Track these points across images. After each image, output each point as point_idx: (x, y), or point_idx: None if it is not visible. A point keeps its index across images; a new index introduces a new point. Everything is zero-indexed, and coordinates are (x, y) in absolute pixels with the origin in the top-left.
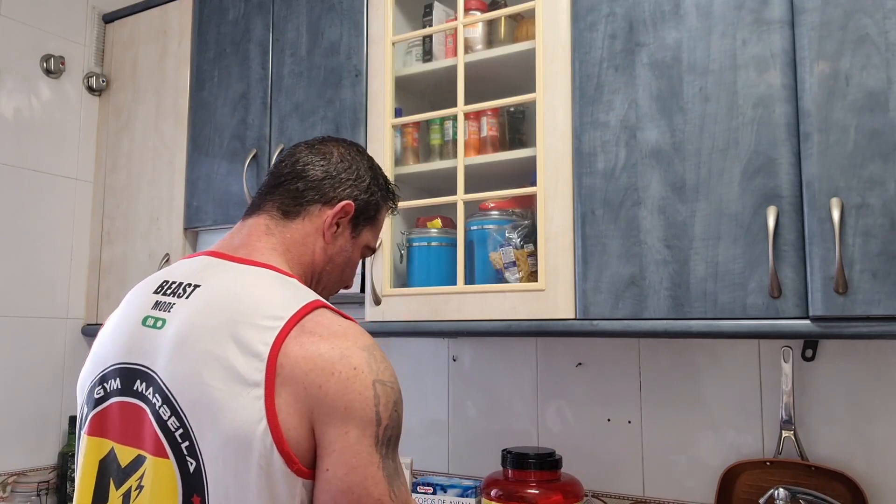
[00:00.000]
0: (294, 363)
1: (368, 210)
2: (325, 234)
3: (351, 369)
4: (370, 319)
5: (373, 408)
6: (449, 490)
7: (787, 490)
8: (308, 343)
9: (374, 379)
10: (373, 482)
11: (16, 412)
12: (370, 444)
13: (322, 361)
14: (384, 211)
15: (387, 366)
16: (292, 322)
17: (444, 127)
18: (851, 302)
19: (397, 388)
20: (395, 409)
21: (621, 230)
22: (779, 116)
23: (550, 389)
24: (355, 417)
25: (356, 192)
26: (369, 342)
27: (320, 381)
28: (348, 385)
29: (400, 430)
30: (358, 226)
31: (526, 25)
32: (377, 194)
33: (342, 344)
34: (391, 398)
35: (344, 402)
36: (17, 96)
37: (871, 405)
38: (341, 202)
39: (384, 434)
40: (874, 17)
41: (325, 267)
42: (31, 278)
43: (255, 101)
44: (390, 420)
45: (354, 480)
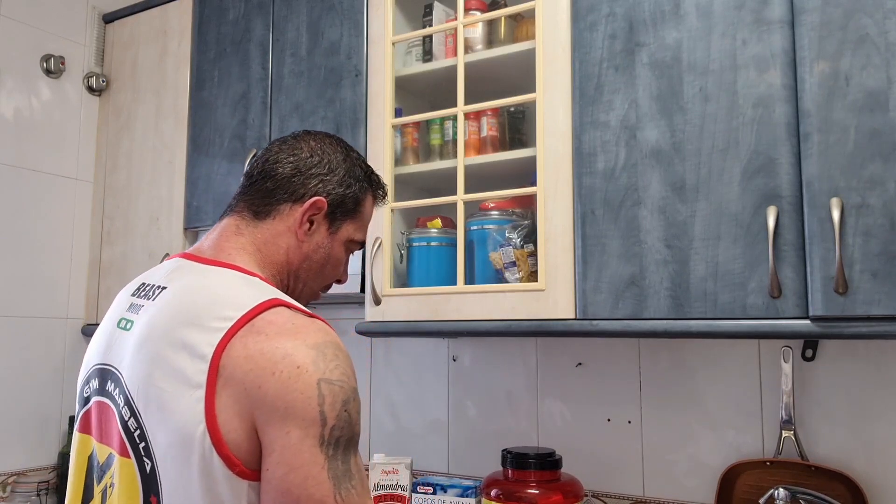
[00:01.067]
0: (235, 363)
1: (346, 203)
2: (298, 233)
3: (294, 368)
4: (370, 319)
5: (316, 407)
6: (449, 490)
7: (787, 490)
8: (252, 343)
9: (320, 378)
10: (314, 483)
11: (16, 412)
12: (313, 445)
13: (263, 360)
14: (368, 202)
15: (338, 364)
16: (242, 322)
17: (444, 127)
18: (851, 302)
19: (349, 387)
20: (345, 408)
21: (621, 230)
22: (779, 116)
23: (550, 389)
24: (297, 417)
25: (329, 187)
26: (322, 340)
27: (260, 381)
28: (289, 384)
29: (353, 431)
30: (335, 220)
31: (526, 25)
32: (354, 186)
33: (288, 342)
34: (339, 397)
35: (284, 401)
36: (17, 96)
37: (871, 405)
38: (311, 199)
39: (330, 434)
40: (874, 17)
41: (301, 265)
42: (31, 278)
43: (255, 101)
44: (338, 420)
45: (294, 481)
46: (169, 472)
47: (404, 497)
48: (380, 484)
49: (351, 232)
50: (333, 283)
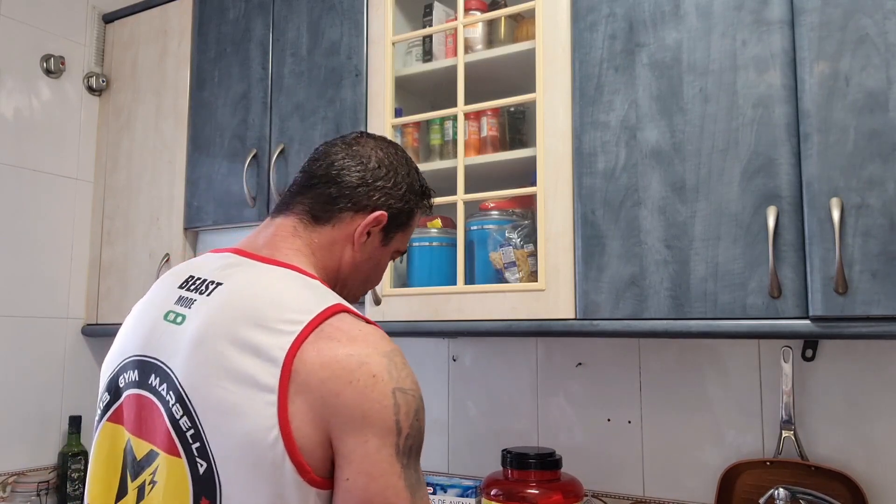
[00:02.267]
0: (310, 370)
1: (401, 217)
2: (355, 243)
3: (370, 377)
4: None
5: (392, 416)
6: (449, 490)
7: (787, 490)
8: (326, 349)
9: (395, 387)
10: (394, 492)
11: (16, 412)
12: (391, 454)
13: (339, 369)
14: (417, 215)
15: (408, 373)
16: (311, 326)
17: (444, 127)
18: (851, 302)
19: (419, 397)
20: (416, 417)
21: (621, 230)
22: (779, 117)
23: (550, 389)
24: (374, 426)
25: (391, 201)
26: (390, 348)
27: (338, 389)
28: (367, 393)
29: (422, 440)
30: (389, 233)
31: (526, 25)
32: (412, 201)
33: (362, 350)
34: (412, 406)
35: (362, 410)
36: (17, 96)
37: (871, 405)
38: (375, 212)
39: (405, 443)
40: (874, 18)
41: (350, 272)
42: (31, 278)
43: (255, 101)
44: (411, 429)
45: (375, 490)
46: (230, 475)
47: None
48: None
49: (399, 242)
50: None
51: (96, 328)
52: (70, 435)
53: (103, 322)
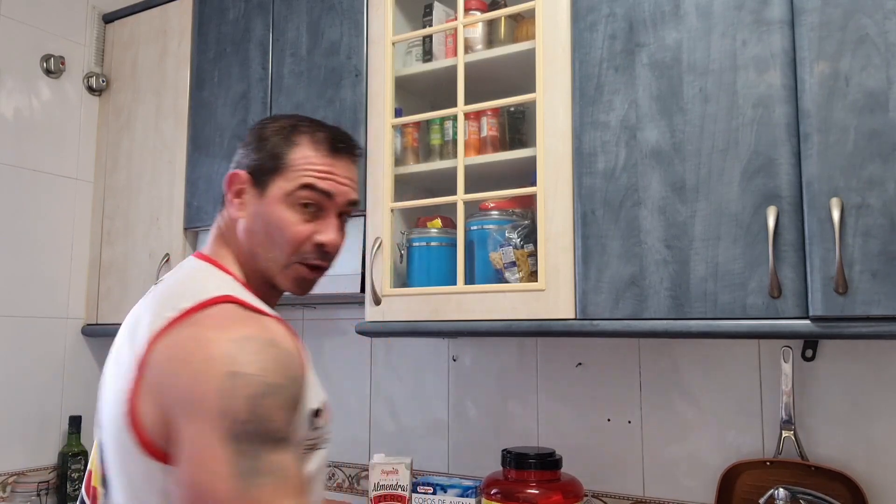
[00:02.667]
0: (160, 353)
1: (265, 163)
2: (232, 212)
3: (206, 359)
4: (370, 319)
5: (220, 400)
6: (449, 490)
7: (787, 490)
8: (181, 336)
9: (230, 370)
10: (214, 477)
11: (16, 412)
12: (220, 438)
13: (181, 351)
14: (297, 150)
15: (258, 359)
16: (187, 314)
17: (444, 127)
18: (851, 302)
19: (263, 382)
20: (256, 402)
21: (621, 230)
22: (779, 117)
23: (550, 389)
24: (203, 409)
25: (244, 161)
26: (250, 334)
27: (175, 369)
28: (199, 375)
29: (269, 426)
30: (261, 184)
31: (526, 25)
32: (270, 142)
33: (210, 334)
34: (249, 391)
35: (192, 392)
36: (17, 96)
37: (871, 405)
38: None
39: (239, 428)
40: (874, 18)
41: (251, 241)
42: (31, 278)
43: (255, 101)
44: (248, 414)
45: (199, 475)
46: (107, 447)
47: (404, 497)
48: (380, 484)
49: (284, 186)
50: (314, 245)
51: (96, 328)
52: (70, 435)
53: (103, 322)
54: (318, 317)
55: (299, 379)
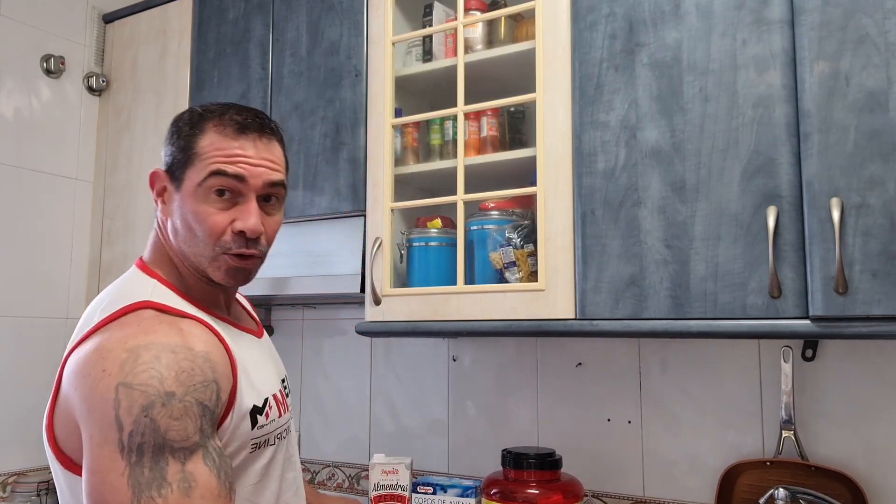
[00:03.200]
0: (69, 365)
1: (176, 157)
2: (159, 213)
3: (100, 371)
4: (370, 319)
5: (112, 412)
6: (449, 490)
7: (787, 490)
8: (87, 346)
9: (120, 382)
10: (111, 490)
11: (16, 412)
12: (112, 450)
13: (81, 363)
14: (203, 138)
15: (149, 367)
16: (99, 326)
17: (444, 127)
18: (851, 302)
19: (153, 392)
20: (146, 413)
21: (621, 230)
22: (779, 116)
23: (550, 389)
24: (96, 421)
25: (164, 158)
26: (147, 342)
27: (76, 383)
28: (93, 387)
29: (161, 437)
30: (176, 178)
31: (526, 25)
32: (180, 135)
33: (107, 345)
34: (138, 402)
35: (87, 404)
36: (17, 96)
37: (871, 405)
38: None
39: (130, 440)
40: (874, 17)
41: (177, 239)
42: (31, 278)
43: (255, 101)
44: (135, 426)
45: (94, 485)
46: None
47: (404, 497)
48: (380, 484)
49: (195, 177)
50: (234, 234)
51: None
52: None
53: None
54: (318, 317)
55: (208, 383)
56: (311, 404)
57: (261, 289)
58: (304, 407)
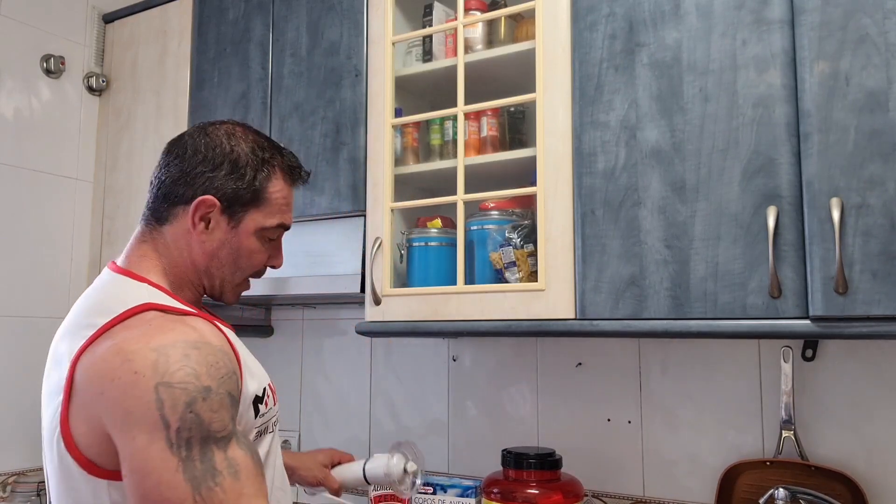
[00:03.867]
0: (84, 369)
1: (242, 195)
2: (194, 234)
3: (131, 374)
4: (370, 319)
5: (156, 412)
6: (449, 490)
7: (787, 490)
8: (101, 349)
9: (158, 382)
10: (168, 487)
11: (16, 412)
12: (162, 449)
13: (104, 368)
14: (275, 185)
15: (183, 365)
16: (104, 329)
17: (444, 127)
18: (851, 302)
19: (193, 388)
20: (190, 409)
21: (621, 230)
22: (779, 116)
23: (550, 389)
24: (139, 423)
25: (217, 183)
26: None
27: (102, 388)
28: (127, 390)
29: (209, 429)
30: (235, 214)
31: (526, 25)
32: (249, 174)
33: (130, 347)
34: (181, 400)
35: (124, 408)
36: (17, 96)
37: (872, 405)
38: (197, 198)
39: (178, 437)
40: (874, 17)
41: (209, 263)
42: (31, 278)
43: (255, 101)
44: (182, 422)
45: (148, 486)
46: (49, 472)
47: (404, 497)
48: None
49: (260, 220)
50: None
51: None
52: None
53: None
54: (318, 317)
55: (231, 374)
56: (311, 404)
57: (261, 289)
58: (304, 407)
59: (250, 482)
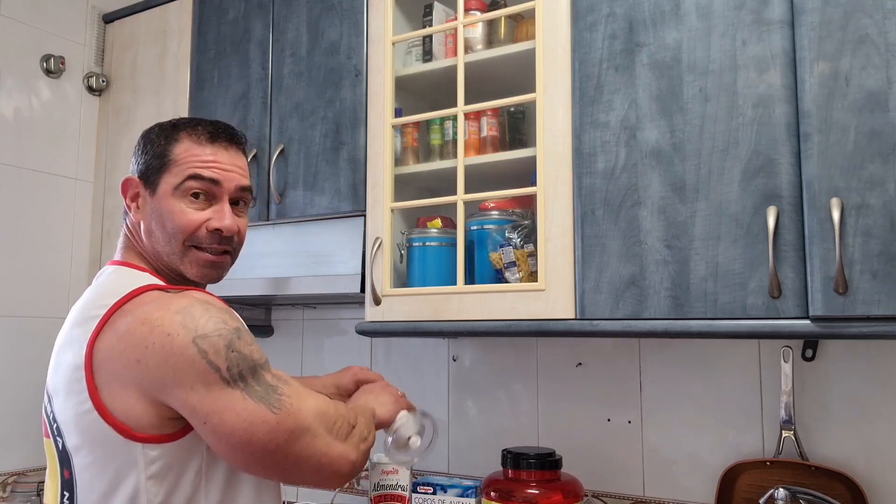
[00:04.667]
0: (108, 345)
1: (151, 165)
2: (132, 217)
3: (165, 336)
4: (370, 319)
5: (202, 361)
6: (449, 490)
7: (787, 490)
8: (122, 326)
9: (194, 337)
10: (248, 412)
11: (16, 412)
12: (222, 388)
13: (135, 339)
14: (178, 146)
15: (207, 318)
16: (113, 309)
17: (444, 127)
18: (851, 302)
19: (226, 332)
20: (231, 349)
21: (621, 230)
22: (779, 116)
23: (550, 389)
24: (191, 375)
25: (134, 167)
26: (185, 304)
27: (137, 356)
28: (168, 352)
29: (250, 360)
30: (152, 184)
31: (526, 25)
32: (153, 144)
33: (153, 316)
34: (220, 345)
35: (170, 366)
36: (17, 96)
37: (872, 405)
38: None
39: (230, 374)
40: (874, 18)
41: (151, 239)
42: (31, 278)
43: (255, 101)
44: (229, 361)
45: (230, 420)
46: (74, 447)
47: (404, 497)
48: (380, 484)
49: (171, 180)
50: (209, 232)
51: None
52: None
53: None
54: (318, 317)
55: (240, 319)
56: None
57: (261, 289)
58: None
59: (297, 386)
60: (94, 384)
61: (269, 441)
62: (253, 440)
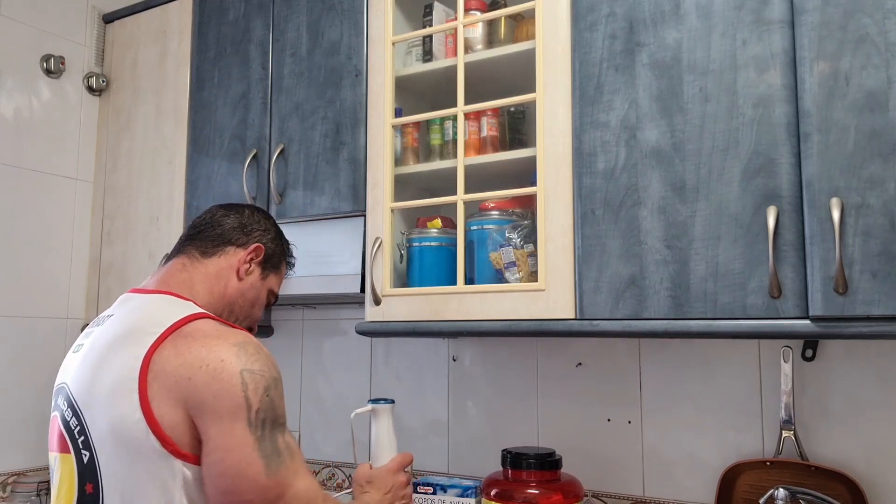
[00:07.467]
0: (165, 360)
1: (274, 258)
2: (240, 271)
3: (219, 361)
4: (370, 319)
5: (241, 393)
6: (449, 490)
7: (787, 490)
8: (182, 345)
9: (242, 368)
10: (246, 463)
11: (16, 412)
12: (243, 428)
13: (191, 357)
14: (283, 266)
15: (258, 358)
16: (171, 329)
17: (444, 127)
18: (851, 302)
19: (269, 375)
20: (267, 393)
21: (621, 230)
22: (779, 116)
23: (550, 389)
24: (226, 404)
25: (265, 239)
26: (243, 340)
27: (190, 374)
28: (216, 375)
29: (277, 413)
30: (266, 269)
31: (526, 25)
32: (279, 248)
33: (213, 343)
34: (261, 384)
35: (213, 390)
36: (17, 96)
37: (871, 405)
38: (254, 244)
39: (257, 417)
40: (874, 17)
41: (237, 300)
42: (31, 278)
43: (255, 101)
44: (261, 404)
45: (230, 462)
46: (109, 458)
47: None
48: None
49: (273, 283)
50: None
51: None
52: None
53: None
54: (318, 317)
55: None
56: (311, 404)
57: None
58: (304, 407)
59: (300, 462)
60: (147, 395)
61: (249, 501)
62: (236, 490)
